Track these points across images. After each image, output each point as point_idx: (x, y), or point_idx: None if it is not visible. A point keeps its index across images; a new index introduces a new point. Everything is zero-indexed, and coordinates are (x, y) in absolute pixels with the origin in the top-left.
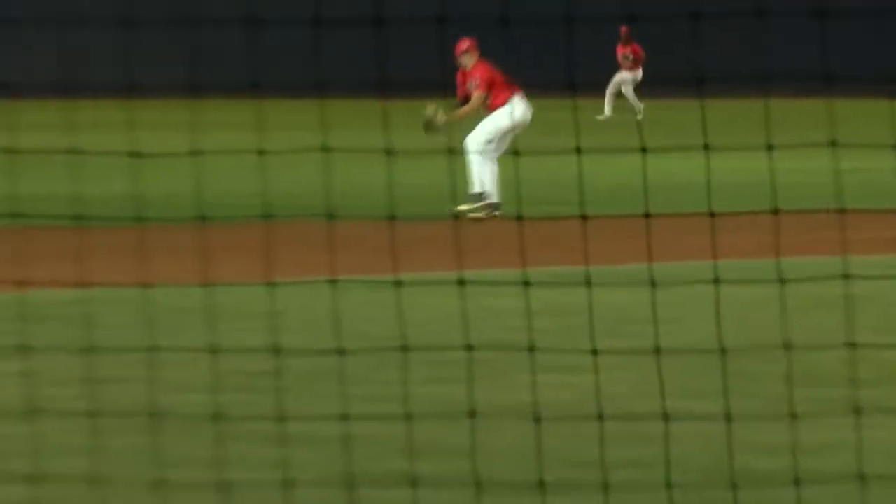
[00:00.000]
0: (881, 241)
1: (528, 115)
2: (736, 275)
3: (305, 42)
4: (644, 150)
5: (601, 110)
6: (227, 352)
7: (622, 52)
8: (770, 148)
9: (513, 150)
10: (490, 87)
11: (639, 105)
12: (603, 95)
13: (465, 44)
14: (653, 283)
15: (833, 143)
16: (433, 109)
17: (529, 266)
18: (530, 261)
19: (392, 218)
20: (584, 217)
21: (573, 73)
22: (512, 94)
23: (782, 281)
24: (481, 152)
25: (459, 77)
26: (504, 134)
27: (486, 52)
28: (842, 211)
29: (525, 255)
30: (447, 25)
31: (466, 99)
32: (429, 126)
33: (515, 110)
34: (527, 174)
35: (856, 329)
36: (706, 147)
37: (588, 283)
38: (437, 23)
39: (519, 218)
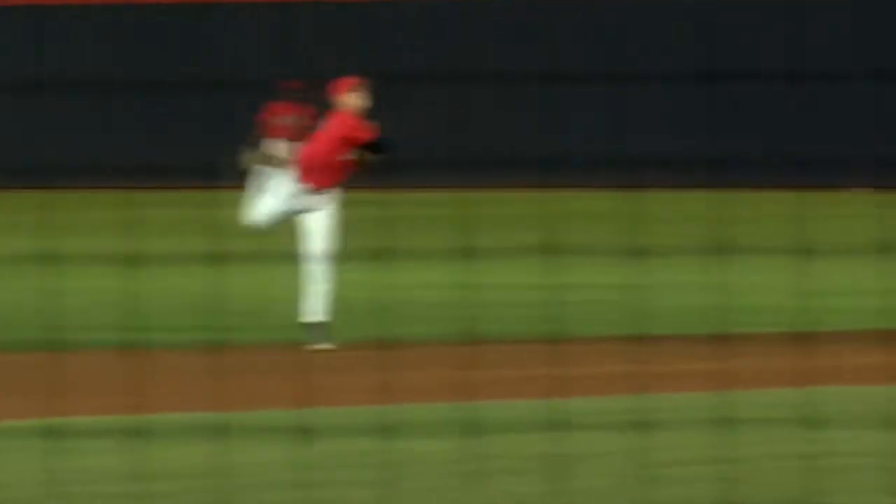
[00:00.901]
0: (604, 378)
1: None
2: (415, 422)
3: None
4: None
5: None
6: None
7: (288, 114)
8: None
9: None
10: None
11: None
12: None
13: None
14: (306, 432)
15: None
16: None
17: (126, 412)
18: (125, 406)
19: None
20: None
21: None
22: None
23: (478, 429)
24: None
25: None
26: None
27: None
28: (555, 340)
29: (132, 396)
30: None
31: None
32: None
33: None
34: (146, 287)
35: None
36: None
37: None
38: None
39: (126, 349)
